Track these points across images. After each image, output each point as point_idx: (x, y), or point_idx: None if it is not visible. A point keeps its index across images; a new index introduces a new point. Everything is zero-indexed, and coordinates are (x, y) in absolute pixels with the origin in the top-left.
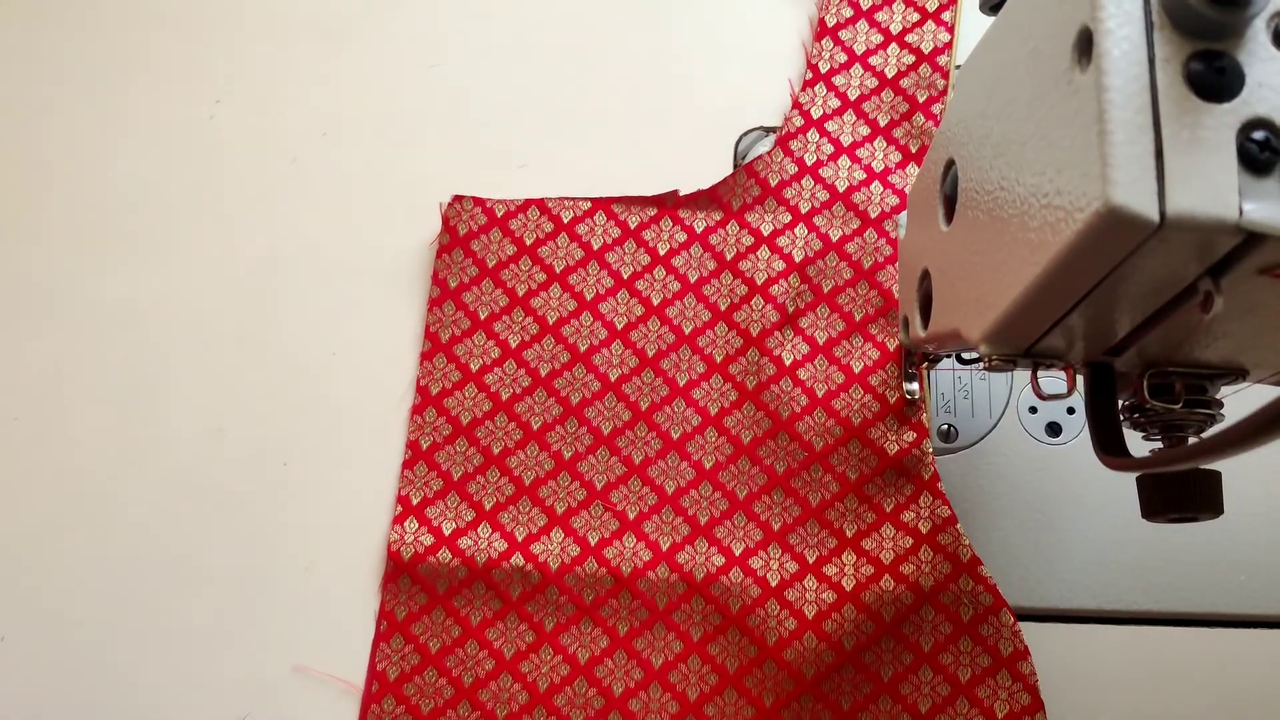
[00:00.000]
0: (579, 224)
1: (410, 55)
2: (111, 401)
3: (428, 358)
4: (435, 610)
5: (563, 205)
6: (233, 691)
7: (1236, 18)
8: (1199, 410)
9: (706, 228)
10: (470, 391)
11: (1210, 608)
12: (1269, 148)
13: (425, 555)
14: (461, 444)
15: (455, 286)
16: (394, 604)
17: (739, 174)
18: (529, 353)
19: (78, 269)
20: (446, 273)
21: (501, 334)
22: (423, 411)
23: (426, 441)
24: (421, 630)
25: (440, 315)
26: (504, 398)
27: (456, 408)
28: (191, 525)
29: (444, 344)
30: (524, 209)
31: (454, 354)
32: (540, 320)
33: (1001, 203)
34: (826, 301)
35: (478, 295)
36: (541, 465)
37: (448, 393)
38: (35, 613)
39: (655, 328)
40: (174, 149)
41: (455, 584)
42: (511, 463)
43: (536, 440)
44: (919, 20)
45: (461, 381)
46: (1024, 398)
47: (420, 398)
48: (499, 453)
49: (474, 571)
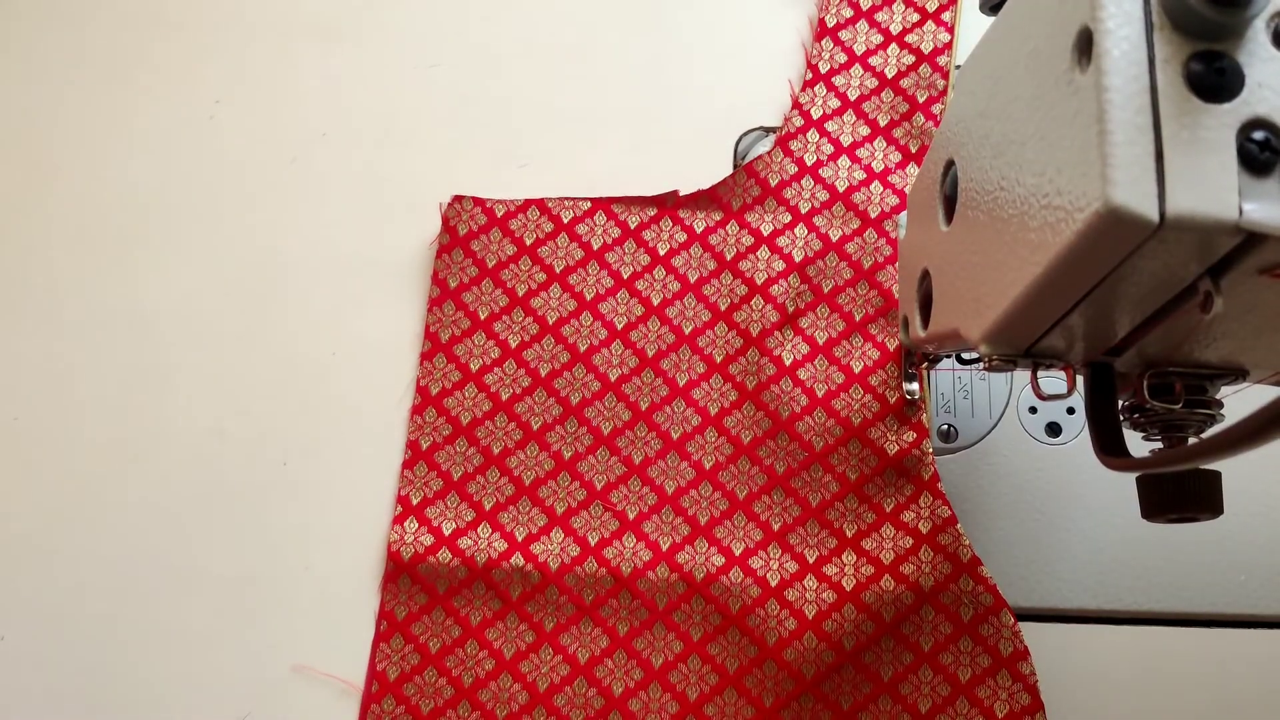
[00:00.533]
0: (579, 224)
1: (410, 55)
2: (112, 401)
3: (428, 358)
4: (435, 610)
5: (563, 205)
6: (233, 691)
7: (1236, 18)
8: (1199, 410)
9: (706, 228)
10: (470, 391)
11: (1210, 608)
12: (1269, 148)
13: (425, 555)
14: (461, 444)
15: (455, 286)
16: (394, 604)
17: (739, 174)
18: (529, 353)
19: (78, 269)
20: (446, 273)
21: (501, 334)
22: (423, 411)
23: (426, 441)
24: (421, 630)
25: (440, 315)
26: (504, 398)
27: (456, 408)
28: (191, 525)
29: (444, 344)
30: (524, 209)
31: (454, 354)
32: (540, 320)
33: (1001, 203)
34: (826, 301)
35: (478, 295)
36: (541, 465)
37: (448, 393)
38: (35, 613)
39: (655, 328)
40: (174, 149)
41: (455, 584)
42: (511, 463)
43: (536, 440)
44: (919, 21)
45: (461, 381)
46: (1024, 398)
47: (420, 398)
48: (499, 453)
49: (474, 571)
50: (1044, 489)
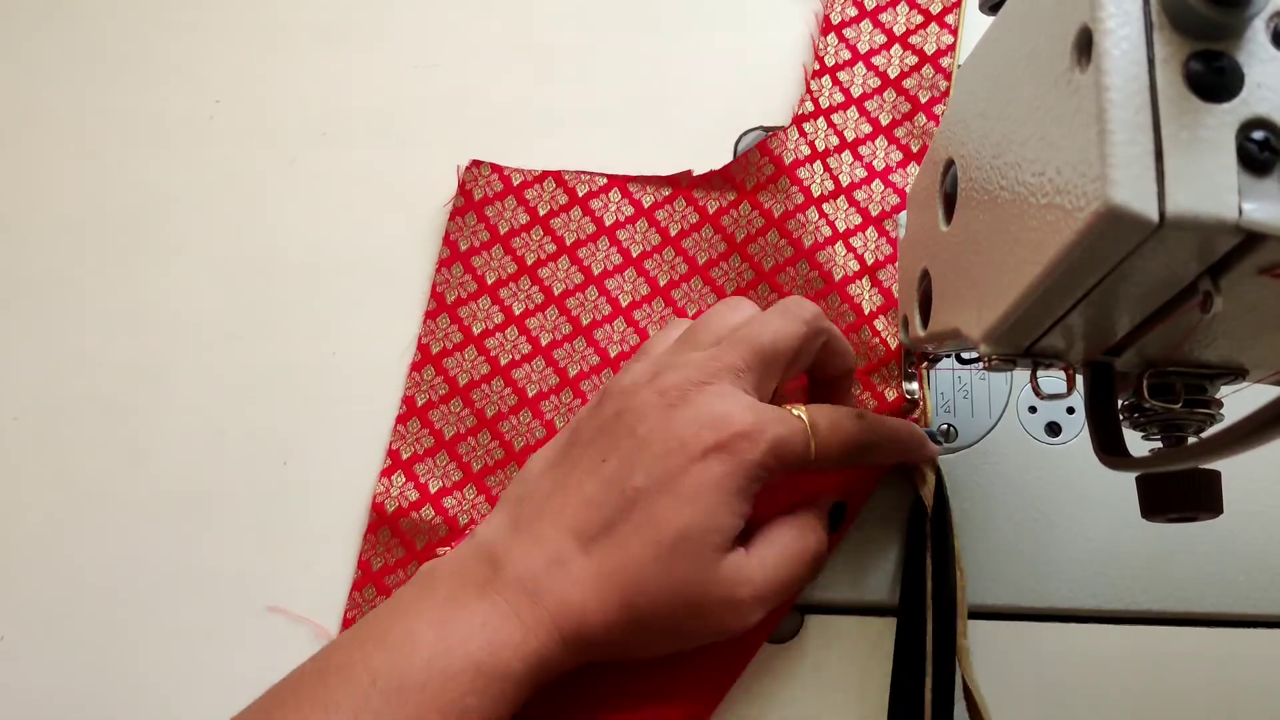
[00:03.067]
0: (594, 199)
1: (410, 55)
2: (111, 401)
3: (431, 316)
4: (411, 565)
5: (579, 179)
6: (233, 691)
7: (1236, 18)
8: (1199, 410)
9: (719, 208)
10: (470, 354)
11: (1210, 608)
12: (1269, 147)
13: (408, 510)
14: (456, 404)
15: (465, 250)
16: (370, 554)
17: (753, 152)
18: (531, 321)
19: (77, 269)
20: (458, 235)
21: (506, 300)
22: (421, 369)
23: (422, 399)
24: (395, 583)
25: (448, 276)
26: (503, 363)
27: (455, 368)
28: (192, 525)
29: (449, 305)
30: (540, 180)
31: (458, 315)
32: (546, 290)
33: (1001, 202)
34: (837, 290)
35: (487, 260)
36: (533, 433)
37: (448, 353)
38: (35, 613)
39: (660, 308)
40: (174, 149)
41: (434, 541)
42: (504, 427)
43: (530, 407)
44: (922, 23)
45: (463, 343)
46: (1024, 398)
47: (420, 355)
48: (492, 416)
49: (454, 531)
50: (1044, 489)
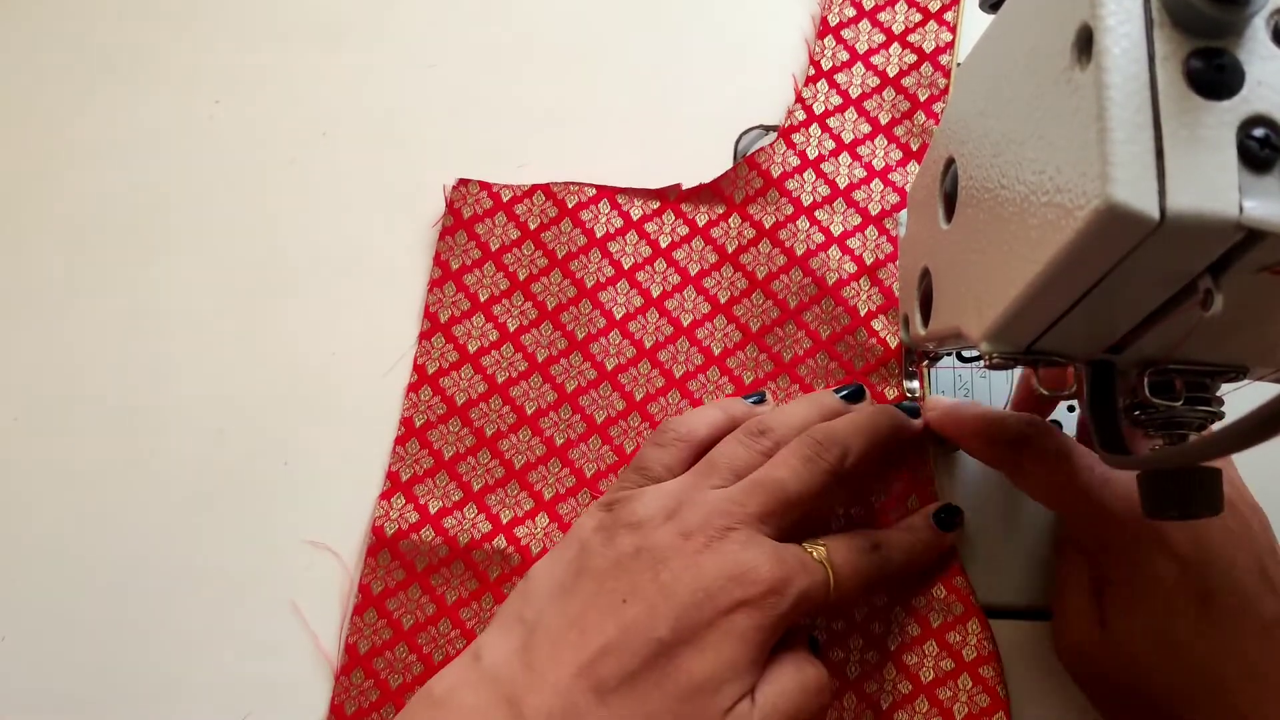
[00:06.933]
0: (583, 210)
1: (409, 55)
2: (111, 401)
3: (426, 337)
4: (412, 587)
5: (568, 190)
6: (234, 691)
7: (1236, 15)
8: (1199, 408)
9: (709, 221)
10: (467, 373)
11: None
12: (1269, 145)
13: (408, 532)
14: (455, 424)
15: (457, 269)
16: (371, 578)
17: (740, 167)
18: (527, 337)
19: (77, 269)
20: (449, 254)
21: (501, 317)
22: (418, 390)
23: (420, 419)
24: (396, 606)
25: (440, 296)
26: (500, 381)
27: (452, 388)
28: (192, 525)
29: (443, 324)
30: (529, 194)
31: (452, 334)
32: (540, 305)
33: (1001, 201)
34: (831, 294)
35: (479, 277)
36: (533, 450)
37: (444, 372)
38: (35, 613)
39: (654, 319)
40: (174, 149)
41: (434, 562)
42: (503, 446)
43: (529, 425)
44: (921, 20)
45: (459, 362)
46: None
47: (417, 376)
48: (491, 435)
49: (455, 551)
50: None
